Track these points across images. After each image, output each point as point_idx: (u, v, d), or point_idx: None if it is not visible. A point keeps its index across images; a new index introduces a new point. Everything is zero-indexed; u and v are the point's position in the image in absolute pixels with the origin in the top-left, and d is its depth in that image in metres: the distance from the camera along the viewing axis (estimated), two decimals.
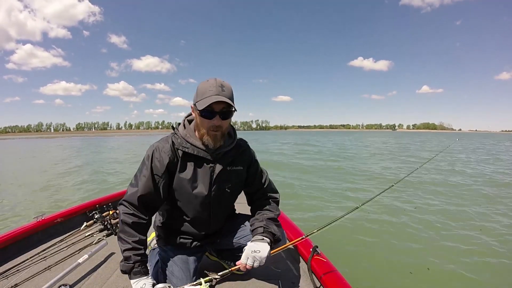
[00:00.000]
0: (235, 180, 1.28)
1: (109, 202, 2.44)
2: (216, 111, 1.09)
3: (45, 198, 5.60)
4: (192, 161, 1.18)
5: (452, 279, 2.46)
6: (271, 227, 1.24)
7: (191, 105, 1.17)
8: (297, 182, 6.78)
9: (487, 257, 2.80)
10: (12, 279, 1.42)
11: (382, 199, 4.95)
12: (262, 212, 1.31)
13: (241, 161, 1.29)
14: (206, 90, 1.08)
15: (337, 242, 3.12)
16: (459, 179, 7.14)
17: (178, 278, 1.18)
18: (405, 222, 3.85)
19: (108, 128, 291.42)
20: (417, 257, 2.84)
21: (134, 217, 1.12)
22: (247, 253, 1.15)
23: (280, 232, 1.28)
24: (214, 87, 1.07)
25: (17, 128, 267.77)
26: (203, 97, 1.07)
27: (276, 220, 1.30)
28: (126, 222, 1.11)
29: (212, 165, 1.19)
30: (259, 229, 1.23)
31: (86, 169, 9.72)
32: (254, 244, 1.17)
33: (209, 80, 1.11)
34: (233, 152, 1.25)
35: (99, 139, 45.48)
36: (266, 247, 1.17)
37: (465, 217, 4.06)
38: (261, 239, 1.19)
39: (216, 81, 1.09)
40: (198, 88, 1.12)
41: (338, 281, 1.21)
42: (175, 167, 1.17)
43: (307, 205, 4.74)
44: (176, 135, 1.19)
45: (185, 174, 1.17)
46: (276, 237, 1.24)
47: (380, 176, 7.69)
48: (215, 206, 1.26)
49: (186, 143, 1.16)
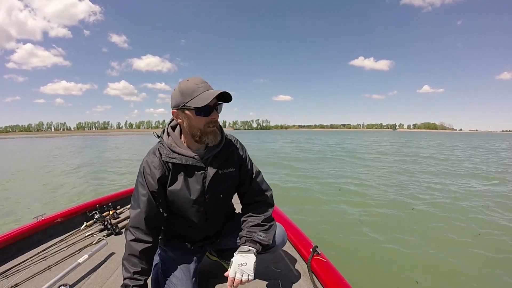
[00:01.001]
0: (228, 183, 1.24)
1: (109, 202, 2.44)
2: (212, 106, 1.06)
3: (45, 198, 5.60)
4: (182, 171, 1.14)
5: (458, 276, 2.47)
6: (255, 235, 1.20)
7: (174, 110, 1.10)
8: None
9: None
10: (12, 279, 1.42)
11: (382, 199, 4.96)
12: (247, 220, 1.26)
13: (232, 162, 1.24)
14: (195, 88, 1.04)
15: (337, 242, 3.12)
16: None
17: (178, 278, 1.18)
18: (407, 222, 3.85)
19: (108, 128, 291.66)
20: (417, 257, 2.83)
21: (141, 243, 1.09)
22: (234, 267, 1.11)
23: (268, 236, 1.22)
24: (201, 83, 1.05)
25: (18, 128, 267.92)
26: (195, 95, 1.03)
27: (263, 225, 1.23)
28: (133, 250, 1.08)
29: (203, 171, 1.15)
30: (242, 239, 1.21)
31: (86, 169, 9.71)
32: (240, 257, 1.13)
33: (189, 79, 1.07)
34: (223, 153, 1.20)
35: (99, 139, 45.42)
36: (252, 258, 1.13)
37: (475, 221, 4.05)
38: (247, 250, 1.15)
39: (198, 78, 1.07)
40: (181, 89, 1.06)
41: (338, 281, 1.21)
42: (166, 179, 1.13)
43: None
44: (163, 146, 1.14)
45: (176, 185, 1.14)
46: (263, 242, 1.20)
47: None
48: (211, 211, 1.24)
49: (172, 154, 1.12)
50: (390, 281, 2.40)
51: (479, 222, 3.86)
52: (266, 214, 1.26)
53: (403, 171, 8.50)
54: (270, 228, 1.25)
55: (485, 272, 2.55)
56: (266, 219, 1.25)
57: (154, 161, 1.12)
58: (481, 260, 2.76)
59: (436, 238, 3.30)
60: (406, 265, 2.65)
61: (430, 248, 3.00)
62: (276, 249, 1.35)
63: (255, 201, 1.30)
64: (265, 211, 1.27)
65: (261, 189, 1.31)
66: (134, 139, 41.51)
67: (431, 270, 2.57)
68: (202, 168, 1.15)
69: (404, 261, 2.73)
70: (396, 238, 3.27)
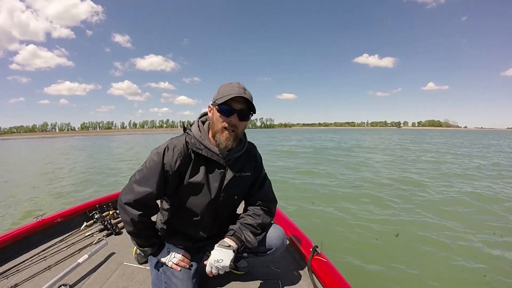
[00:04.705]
0: (243, 186, 1.28)
1: (109, 202, 2.45)
2: (235, 109, 1.10)
3: (45, 198, 5.64)
4: (204, 165, 1.16)
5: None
6: (244, 233, 1.21)
7: (209, 104, 1.18)
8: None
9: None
10: (12, 279, 1.42)
11: (383, 198, 4.92)
12: (244, 217, 1.28)
13: (249, 167, 1.29)
14: (229, 90, 1.10)
15: (337, 242, 3.10)
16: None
17: (179, 278, 1.18)
18: (407, 222, 3.82)
19: (112, 128, 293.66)
20: (418, 257, 2.81)
21: (145, 218, 1.14)
22: (210, 262, 1.12)
23: (255, 241, 1.23)
24: (236, 88, 1.10)
25: (22, 128, 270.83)
26: (224, 95, 1.09)
27: (256, 228, 1.24)
28: (142, 224, 1.14)
29: (223, 171, 1.19)
30: (230, 231, 1.23)
31: (86, 169, 9.77)
32: (217, 252, 1.14)
33: (232, 82, 1.14)
34: (243, 158, 1.26)
35: (102, 138, 45.63)
36: (230, 255, 1.13)
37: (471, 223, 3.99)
38: (227, 245, 1.16)
39: (239, 84, 1.13)
40: (219, 88, 1.14)
41: (338, 281, 1.20)
42: (186, 169, 1.15)
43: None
44: (190, 136, 1.17)
45: (197, 177, 1.15)
46: (247, 244, 1.21)
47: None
48: (221, 210, 1.26)
49: (200, 145, 1.15)
50: (390, 281, 2.38)
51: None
52: (263, 221, 1.28)
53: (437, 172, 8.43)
54: (260, 234, 1.27)
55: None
56: (262, 225, 1.27)
57: (177, 146, 1.14)
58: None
59: (435, 237, 3.25)
60: (406, 265, 2.62)
61: (430, 249, 2.97)
62: (275, 252, 1.34)
63: (259, 205, 1.32)
64: (264, 218, 1.29)
65: (268, 197, 1.34)
66: (136, 138, 41.67)
67: (431, 270, 2.55)
68: (223, 167, 1.19)
69: (404, 261, 2.70)
70: (397, 238, 3.25)
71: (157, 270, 1.25)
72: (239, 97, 1.09)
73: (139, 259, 1.55)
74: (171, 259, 1.21)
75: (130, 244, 1.81)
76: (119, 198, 1.14)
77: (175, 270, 1.21)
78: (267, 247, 1.31)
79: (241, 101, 1.11)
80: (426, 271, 2.53)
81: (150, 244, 1.19)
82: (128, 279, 1.42)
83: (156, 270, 1.25)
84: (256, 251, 1.31)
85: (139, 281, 1.40)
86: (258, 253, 1.33)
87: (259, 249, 1.30)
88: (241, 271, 1.49)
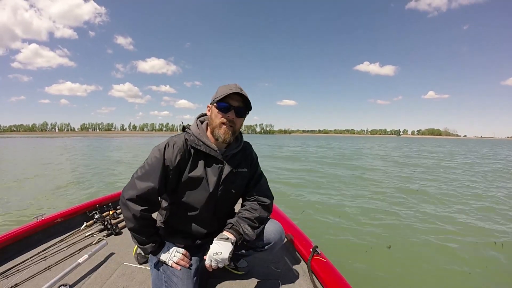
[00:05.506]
0: (240, 182, 1.32)
1: (109, 202, 2.45)
2: (232, 106, 1.17)
3: (45, 197, 5.62)
4: (203, 160, 1.22)
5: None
6: (242, 226, 1.24)
7: (208, 104, 1.24)
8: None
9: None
10: (12, 279, 1.42)
11: (384, 199, 4.92)
12: (242, 212, 1.31)
13: (246, 164, 1.34)
14: (227, 89, 1.16)
15: (337, 242, 3.10)
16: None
17: (179, 277, 1.18)
18: (407, 221, 3.82)
19: (112, 129, 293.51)
20: (418, 257, 2.81)
21: (147, 214, 1.16)
22: (209, 255, 1.15)
23: (253, 233, 1.25)
24: (234, 87, 1.17)
25: (22, 127, 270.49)
26: (223, 93, 1.15)
27: (254, 221, 1.27)
28: (144, 220, 1.16)
29: (221, 166, 1.24)
30: (228, 225, 1.26)
31: (86, 169, 9.74)
32: (216, 246, 1.16)
33: (229, 84, 1.21)
34: (240, 155, 1.32)
35: (100, 140, 45.48)
36: (229, 247, 1.16)
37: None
38: (225, 238, 1.19)
39: (236, 84, 1.20)
40: (218, 89, 1.21)
41: (338, 281, 1.21)
42: (185, 164, 1.19)
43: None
44: (189, 133, 1.23)
45: (196, 172, 1.20)
46: (245, 236, 1.24)
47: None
48: (220, 205, 1.30)
49: (198, 141, 1.21)
50: (390, 281, 2.38)
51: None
52: (261, 215, 1.31)
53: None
54: (258, 228, 1.30)
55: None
56: (259, 219, 1.30)
57: (177, 143, 1.19)
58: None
59: (436, 236, 3.26)
60: (406, 265, 2.62)
61: (431, 251, 2.96)
62: (274, 246, 1.35)
63: (256, 200, 1.35)
64: (261, 212, 1.31)
65: (264, 192, 1.37)
66: (135, 141, 41.63)
67: (432, 271, 2.54)
68: (221, 163, 1.25)
69: (404, 261, 2.71)
70: (397, 238, 3.25)
71: (157, 269, 1.25)
72: (236, 95, 1.16)
73: (139, 259, 1.56)
74: (171, 258, 1.22)
75: (130, 244, 1.81)
76: (121, 196, 1.16)
77: (175, 269, 1.21)
78: (265, 241, 1.32)
79: (238, 99, 1.18)
80: (426, 271, 2.53)
81: (151, 242, 1.21)
82: (128, 279, 1.42)
83: (156, 269, 1.25)
84: (254, 246, 1.33)
85: (139, 281, 1.40)
86: (257, 248, 1.34)
87: (257, 243, 1.32)
88: (241, 271, 1.50)
